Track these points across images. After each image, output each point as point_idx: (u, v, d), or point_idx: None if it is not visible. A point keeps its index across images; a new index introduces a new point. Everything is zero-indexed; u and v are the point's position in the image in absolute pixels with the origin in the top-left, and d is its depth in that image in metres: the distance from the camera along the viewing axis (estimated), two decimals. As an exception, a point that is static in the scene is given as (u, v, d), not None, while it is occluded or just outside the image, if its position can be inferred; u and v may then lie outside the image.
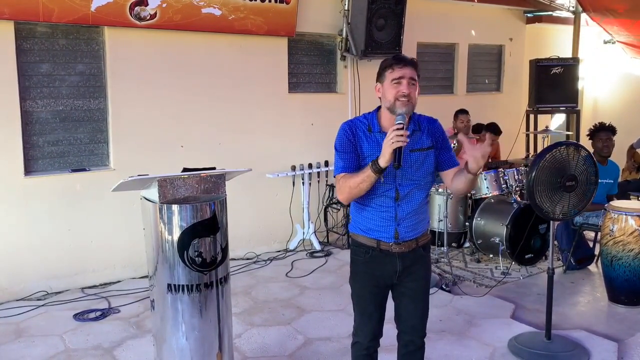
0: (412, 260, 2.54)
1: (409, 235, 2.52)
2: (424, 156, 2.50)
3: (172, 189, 2.83)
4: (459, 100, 7.13)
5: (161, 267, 2.87)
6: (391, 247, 2.51)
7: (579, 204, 3.50)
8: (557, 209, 3.47)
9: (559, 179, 3.40)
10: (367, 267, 2.56)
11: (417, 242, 2.56)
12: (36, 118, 4.65)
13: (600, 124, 5.15)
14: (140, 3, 4.71)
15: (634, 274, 4.33)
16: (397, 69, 2.41)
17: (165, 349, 2.96)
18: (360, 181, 2.37)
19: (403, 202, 2.49)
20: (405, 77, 2.41)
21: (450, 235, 5.60)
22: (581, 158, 3.44)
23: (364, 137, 2.48)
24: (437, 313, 4.25)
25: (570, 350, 3.62)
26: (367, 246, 2.55)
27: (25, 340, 3.84)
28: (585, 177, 3.46)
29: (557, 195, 3.45)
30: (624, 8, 7.03)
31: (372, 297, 2.60)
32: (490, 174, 5.60)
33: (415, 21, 6.54)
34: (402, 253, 2.52)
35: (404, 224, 2.50)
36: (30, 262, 4.59)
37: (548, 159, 3.38)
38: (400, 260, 2.52)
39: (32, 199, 4.57)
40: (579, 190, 3.47)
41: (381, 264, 2.54)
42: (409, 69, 2.41)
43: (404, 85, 2.40)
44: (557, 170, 3.41)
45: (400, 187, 2.47)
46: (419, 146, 2.50)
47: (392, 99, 2.41)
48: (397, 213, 2.49)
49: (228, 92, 5.51)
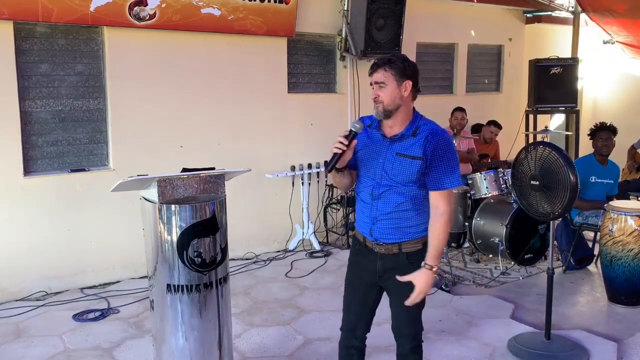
0: (393, 265, 2.51)
1: (387, 239, 2.50)
2: (408, 163, 2.43)
3: (172, 189, 2.82)
4: (459, 101, 7.13)
5: (161, 268, 2.87)
6: (373, 246, 2.54)
7: (554, 200, 3.47)
8: (540, 208, 3.58)
9: (526, 177, 3.61)
10: (355, 258, 2.66)
11: (400, 248, 2.50)
12: (35, 118, 4.65)
13: (601, 124, 5.16)
14: (140, 3, 4.71)
15: (634, 274, 4.33)
16: (370, 77, 2.48)
17: (165, 349, 2.96)
18: (334, 176, 2.51)
19: (379, 202, 2.48)
20: (373, 83, 2.46)
21: (449, 235, 5.58)
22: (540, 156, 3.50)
23: (364, 133, 2.52)
24: (436, 313, 4.25)
25: (569, 351, 3.62)
26: (357, 239, 2.64)
27: (24, 341, 3.83)
28: (555, 176, 3.43)
29: (531, 195, 3.61)
30: (624, 8, 7.03)
31: (353, 290, 2.65)
32: (489, 174, 5.60)
33: (414, 21, 6.54)
34: (383, 254, 2.52)
35: (378, 225, 2.50)
36: (30, 263, 4.59)
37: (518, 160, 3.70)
38: (380, 261, 2.52)
39: (31, 199, 4.57)
40: (550, 189, 3.48)
41: (365, 260, 2.58)
42: (377, 73, 2.44)
43: (374, 90, 2.46)
44: (523, 171, 3.65)
45: (379, 185, 2.48)
46: (406, 152, 2.44)
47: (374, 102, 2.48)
48: (372, 211, 2.51)
49: (227, 92, 5.50)
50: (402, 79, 2.42)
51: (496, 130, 6.87)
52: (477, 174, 5.71)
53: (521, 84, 8.06)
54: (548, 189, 3.48)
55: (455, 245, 5.84)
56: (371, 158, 2.50)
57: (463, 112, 6.32)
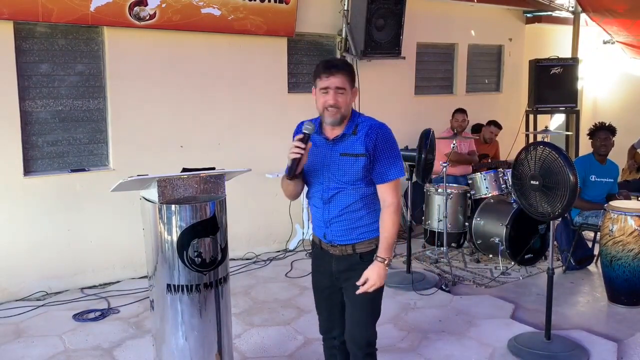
0: (347, 266, 2.52)
1: (341, 240, 2.51)
2: (352, 161, 2.43)
3: (172, 189, 2.83)
4: (459, 101, 7.13)
5: (161, 268, 2.87)
6: (328, 248, 2.56)
7: (554, 200, 3.47)
8: (539, 208, 3.58)
9: (526, 177, 3.61)
10: (314, 261, 2.72)
11: (354, 249, 2.51)
12: (35, 118, 4.64)
13: (600, 124, 5.18)
14: (140, 3, 4.71)
15: (634, 274, 4.33)
16: (324, 79, 2.38)
17: (165, 349, 2.96)
18: (282, 182, 2.51)
19: (330, 205, 2.49)
20: (331, 88, 2.37)
21: (449, 235, 5.60)
22: (540, 157, 3.50)
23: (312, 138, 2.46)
24: (436, 313, 4.26)
25: (569, 351, 3.62)
26: (315, 242, 2.67)
27: (24, 341, 3.83)
28: (555, 176, 3.43)
29: (531, 195, 3.60)
30: (624, 8, 7.03)
31: (319, 292, 2.70)
32: (489, 174, 5.61)
33: (414, 21, 6.54)
34: (337, 256, 2.53)
35: (332, 227, 2.50)
36: (30, 263, 4.59)
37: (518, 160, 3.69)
38: (335, 262, 2.54)
39: (31, 199, 4.57)
40: (550, 189, 3.47)
41: (322, 261, 2.63)
42: (336, 77, 2.36)
43: (330, 95, 2.37)
44: (523, 171, 3.65)
45: (327, 189, 2.47)
46: (349, 151, 2.44)
47: (321, 108, 2.41)
48: (324, 215, 2.51)
49: (227, 92, 5.50)
50: (352, 85, 2.44)
51: (496, 130, 6.87)
52: (477, 174, 5.72)
53: (521, 84, 8.06)
54: (548, 189, 3.48)
55: (455, 245, 5.84)
56: (317, 162, 2.49)
57: (464, 113, 6.29)
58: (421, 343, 3.79)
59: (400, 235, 6.32)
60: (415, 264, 5.28)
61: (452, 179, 6.04)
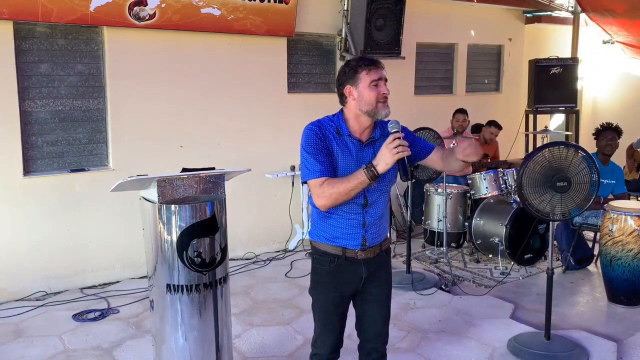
0: (376, 266, 2.51)
1: (375, 241, 2.50)
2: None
3: (171, 189, 2.83)
4: (459, 101, 7.13)
5: (160, 268, 2.87)
6: (357, 254, 2.45)
7: (573, 204, 3.45)
8: (548, 208, 3.45)
9: (551, 178, 3.40)
10: (332, 276, 2.48)
11: (381, 247, 2.53)
12: (35, 118, 4.64)
13: (607, 124, 5.18)
14: (140, 3, 4.71)
15: (634, 274, 4.34)
16: (374, 71, 2.35)
17: (165, 349, 2.96)
18: (352, 187, 2.27)
19: (370, 209, 2.44)
20: (383, 78, 2.37)
21: (449, 235, 5.60)
22: (578, 159, 3.41)
23: (334, 141, 2.39)
24: (436, 313, 4.26)
25: (569, 351, 3.62)
26: (332, 255, 2.46)
27: (24, 341, 3.83)
28: (581, 178, 3.41)
29: (548, 195, 3.43)
30: (623, 8, 7.03)
31: (335, 308, 2.52)
32: (489, 174, 5.61)
33: (414, 21, 6.54)
34: (367, 259, 2.47)
35: (371, 230, 2.47)
36: (30, 263, 4.59)
37: (539, 158, 3.38)
38: (365, 267, 2.47)
39: (31, 199, 4.57)
40: (573, 192, 3.43)
41: (346, 272, 2.46)
42: (382, 69, 2.38)
43: (383, 86, 2.36)
44: (549, 170, 3.40)
45: (369, 193, 2.41)
46: None
47: (374, 101, 2.34)
48: (365, 220, 2.44)
49: (227, 92, 5.51)
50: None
51: (496, 130, 6.87)
52: (476, 174, 5.72)
53: (521, 84, 8.06)
54: (565, 189, 3.43)
55: (455, 245, 5.85)
56: (355, 167, 2.37)
57: (465, 114, 6.28)
58: (421, 343, 3.79)
59: (400, 235, 6.36)
60: (415, 264, 5.28)
61: (451, 178, 6.04)
